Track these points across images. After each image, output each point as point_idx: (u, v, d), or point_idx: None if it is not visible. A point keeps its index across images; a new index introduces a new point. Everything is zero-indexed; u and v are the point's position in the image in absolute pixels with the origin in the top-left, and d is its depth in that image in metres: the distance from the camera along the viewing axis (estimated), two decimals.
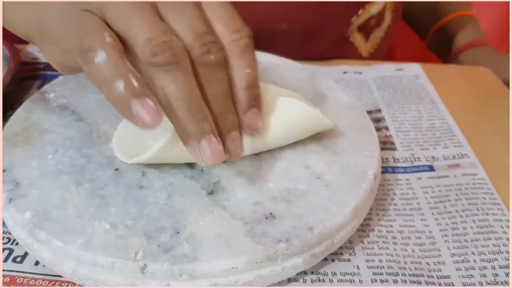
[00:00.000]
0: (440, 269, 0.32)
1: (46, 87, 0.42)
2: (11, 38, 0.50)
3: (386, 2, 0.58)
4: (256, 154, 0.35)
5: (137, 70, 0.27)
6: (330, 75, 0.50)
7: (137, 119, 0.26)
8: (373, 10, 0.57)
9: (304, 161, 0.35)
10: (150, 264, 0.28)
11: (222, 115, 0.30)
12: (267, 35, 0.53)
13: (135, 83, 0.26)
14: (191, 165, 0.34)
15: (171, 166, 0.34)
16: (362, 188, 0.33)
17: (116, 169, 0.34)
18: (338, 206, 0.32)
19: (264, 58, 0.47)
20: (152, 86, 0.27)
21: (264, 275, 0.29)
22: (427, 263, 0.32)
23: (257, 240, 0.29)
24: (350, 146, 0.37)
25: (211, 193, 0.32)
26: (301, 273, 0.31)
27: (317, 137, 0.37)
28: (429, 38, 0.69)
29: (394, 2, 0.60)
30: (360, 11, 0.56)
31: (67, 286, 0.30)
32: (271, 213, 0.31)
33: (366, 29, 0.59)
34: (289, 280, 0.31)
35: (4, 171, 0.33)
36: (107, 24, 0.27)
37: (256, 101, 0.31)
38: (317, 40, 0.56)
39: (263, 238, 0.29)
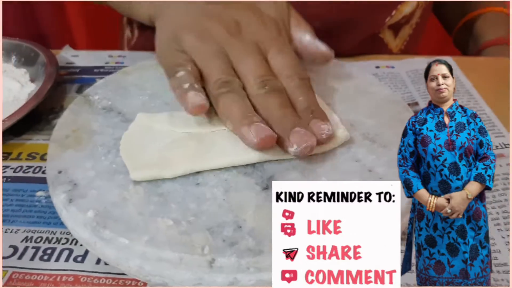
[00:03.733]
0: (496, 257, 0.32)
1: (88, 90, 0.42)
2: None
3: (418, 2, 0.58)
4: None
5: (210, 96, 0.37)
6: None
7: (188, 103, 0.35)
8: (406, 10, 0.57)
9: (354, 155, 0.36)
10: (218, 258, 0.28)
11: (280, 119, 0.34)
12: None
13: (196, 86, 0.36)
14: None
15: None
16: None
17: None
18: None
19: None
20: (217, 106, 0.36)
21: None
22: None
23: None
24: (396, 138, 0.37)
25: (266, 188, 0.33)
26: None
27: (362, 131, 0.38)
28: (455, 33, 0.67)
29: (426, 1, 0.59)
30: (394, 12, 0.56)
31: (131, 283, 0.31)
32: None
33: (395, 26, 0.59)
34: None
35: (59, 172, 0.34)
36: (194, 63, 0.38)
37: (316, 115, 0.35)
38: (350, 37, 0.56)
39: None
